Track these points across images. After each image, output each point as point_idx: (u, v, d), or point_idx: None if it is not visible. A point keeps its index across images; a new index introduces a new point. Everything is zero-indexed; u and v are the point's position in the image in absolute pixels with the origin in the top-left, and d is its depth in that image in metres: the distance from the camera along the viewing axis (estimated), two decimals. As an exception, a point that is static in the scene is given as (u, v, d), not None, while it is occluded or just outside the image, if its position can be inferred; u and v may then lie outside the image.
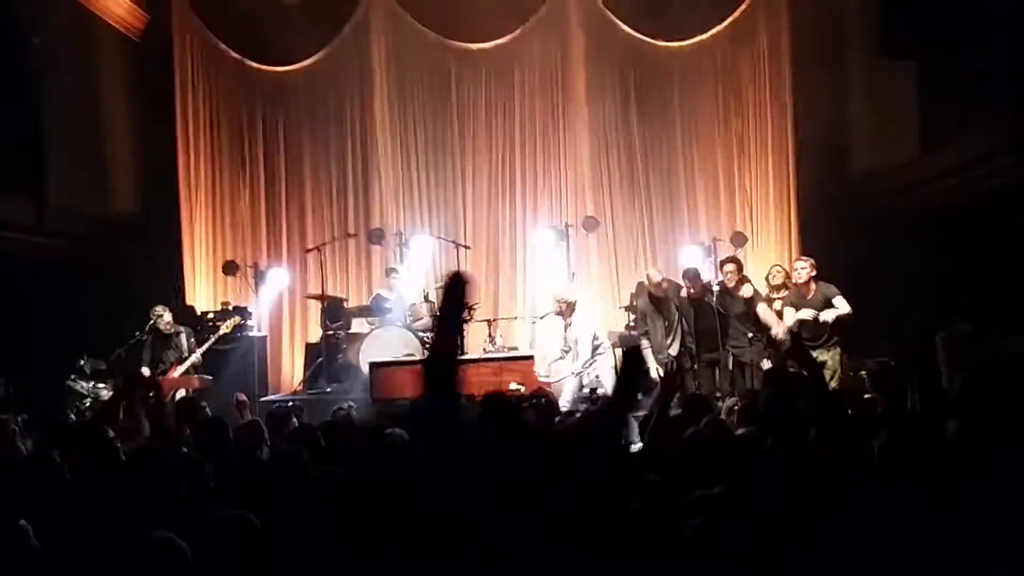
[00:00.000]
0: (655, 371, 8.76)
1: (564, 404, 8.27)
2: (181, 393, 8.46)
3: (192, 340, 9.37)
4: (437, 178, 11.97)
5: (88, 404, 8.97)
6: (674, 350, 9.25)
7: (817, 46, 11.15)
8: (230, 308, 10.54)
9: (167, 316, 9.23)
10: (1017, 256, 8.73)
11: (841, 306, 8.61)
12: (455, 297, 2.30)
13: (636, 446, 5.29)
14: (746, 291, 8.97)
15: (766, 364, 8.58)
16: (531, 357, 9.24)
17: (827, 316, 8.60)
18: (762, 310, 8.84)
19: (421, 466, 3.62)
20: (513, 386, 8.05)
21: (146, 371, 8.81)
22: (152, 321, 9.10)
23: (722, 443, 4.19)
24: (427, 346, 10.00)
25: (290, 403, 8.44)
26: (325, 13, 11.77)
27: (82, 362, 9.49)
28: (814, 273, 8.85)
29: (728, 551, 2.80)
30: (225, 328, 9.46)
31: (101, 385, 9.20)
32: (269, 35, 11.61)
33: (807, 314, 8.64)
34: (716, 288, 9.07)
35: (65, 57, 10.25)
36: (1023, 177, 8.79)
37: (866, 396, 8.64)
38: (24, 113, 9.76)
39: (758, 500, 3.51)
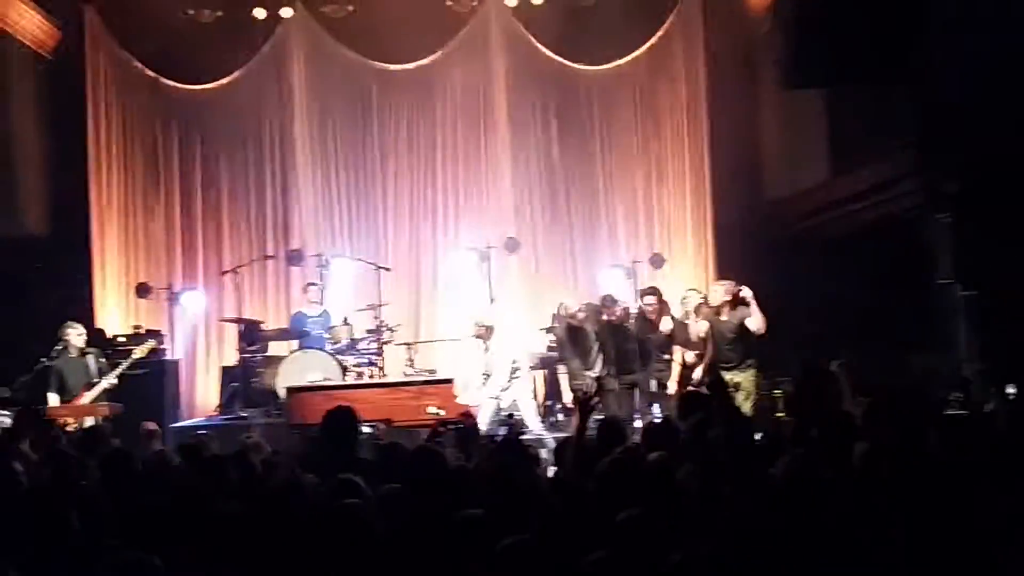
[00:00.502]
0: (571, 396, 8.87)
1: (482, 427, 8.26)
2: (90, 421, 8.20)
3: (102, 363, 9.05)
4: (358, 199, 11.91)
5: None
6: (594, 372, 9.34)
7: (731, 73, 11.44)
8: (142, 331, 10.27)
9: (76, 336, 8.84)
10: (920, 277, 9.03)
11: (752, 326, 8.71)
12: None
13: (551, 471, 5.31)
14: (665, 325, 9.10)
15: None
16: (451, 380, 9.20)
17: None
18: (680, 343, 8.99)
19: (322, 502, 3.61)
20: (432, 410, 7.99)
21: (54, 398, 8.50)
22: (62, 344, 8.75)
23: (634, 470, 4.21)
24: (346, 370, 9.92)
25: (202, 431, 8.25)
26: (243, 31, 11.66)
27: (-11, 388, 9.15)
28: (728, 298, 8.95)
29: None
30: (140, 352, 9.12)
31: (5, 413, 8.86)
32: (185, 53, 11.46)
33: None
34: (634, 313, 9.19)
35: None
36: (927, 201, 9.10)
37: (778, 415, 8.89)
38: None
39: (666, 528, 3.54)
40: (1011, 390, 6.25)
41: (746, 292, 8.45)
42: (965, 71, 8.46)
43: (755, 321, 8.43)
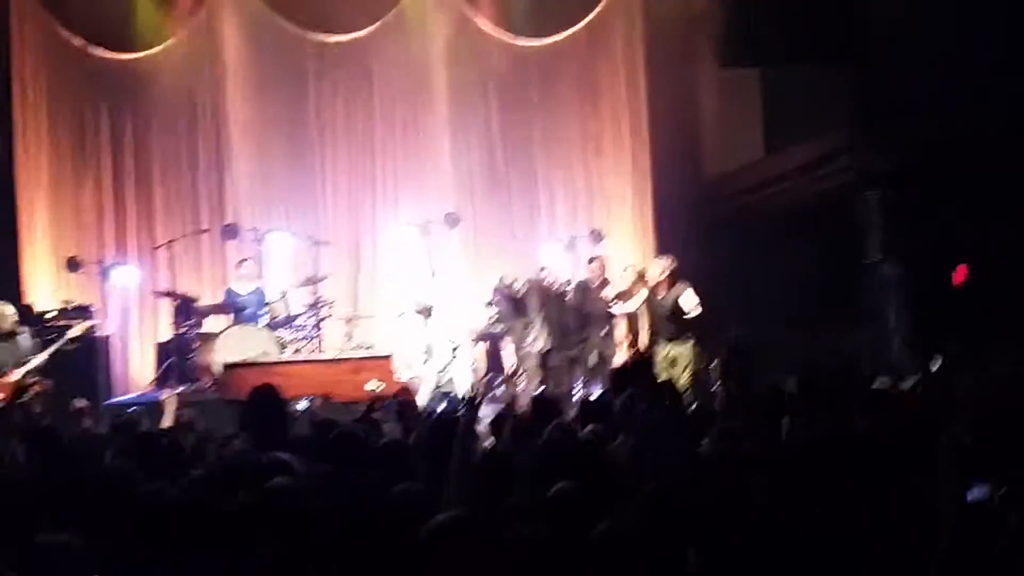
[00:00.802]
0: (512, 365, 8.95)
1: (421, 403, 8.28)
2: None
3: (35, 340, 8.82)
4: (294, 173, 11.74)
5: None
6: (537, 346, 9.43)
7: (670, 49, 11.50)
8: (70, 307, 10.03)
9: (11, 313, 8.61)
10: (851, 252, 9.22)
11: (685, 305, 8.77)
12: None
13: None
14: (608, 293, 9.19)
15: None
16: (389, 356, 9.18)
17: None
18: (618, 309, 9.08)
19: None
20: (370, 386, 7.96)
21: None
22: None
23: (567, 446, 4.26)
24: (284, 345, 9.84)
25: (131, 408, 8.11)
26: (175, -1, 11.39)
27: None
28: (668, 273, 9.01)
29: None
30: (77, 331, 8.89)
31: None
32: (116, 21, 11.15)
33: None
34: (572, 286, 9.27)
35: None
36: (858, 179, 9.26)
37: (712, 389, 9.03)
38: None
39: (596, 502, 3.58)
40: (935, 365, 6.41)
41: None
42: (901, 50, 8.62)
43: (688, 301, 8.50)
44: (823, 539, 3.22)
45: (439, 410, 7.15)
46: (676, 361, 8.91)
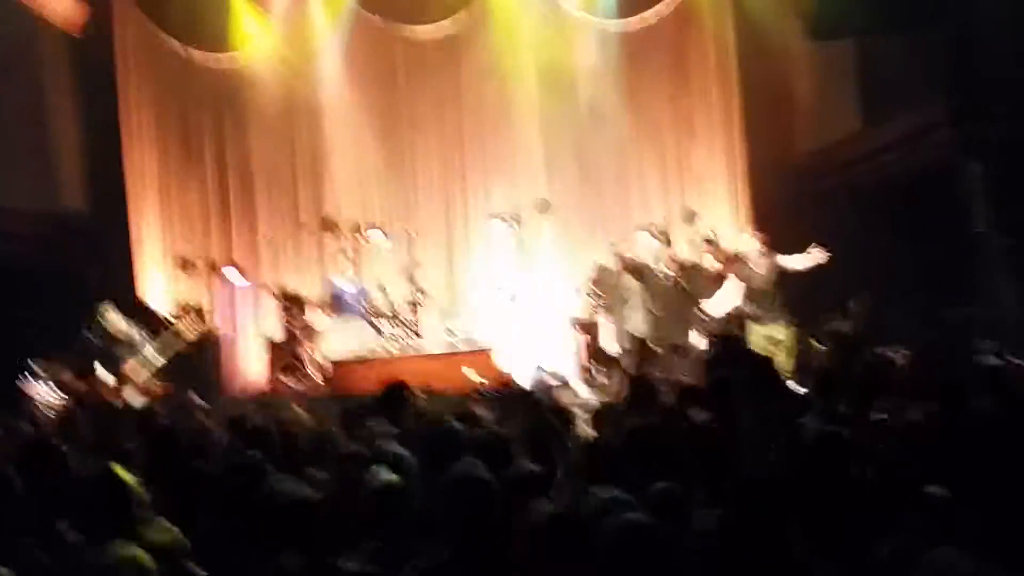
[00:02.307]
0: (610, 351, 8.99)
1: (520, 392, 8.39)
2: (134, 397, 8.38)
3: (149, 339, 9.21)
4: (389, 166, 11.94)
5: (40, 408, 8.84)
6: (636, 332, 9.40)
7: (760, 25, 11.27)
8: (184, 307, 10.43)
9: (114, 316, 9.02)
10: (954, 226, 8.95)
11: (793, 265, 8.74)
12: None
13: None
14: (707, 261, 9.15)
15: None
16: (488, 347, 9.29)
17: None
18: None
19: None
20: (469, 373, 8.09)
21: (102, 371, 8.70)
22: (101, 322, 8.94)
23: (667, 433, 4.28)
24: (384, 338, 10.06)
25: (247, 404, 8.42)
26: (269, 0, 11.69)
27: (36, 365, 9.34)
28: (763, 248, 8.97)
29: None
30: (189, 336, 9.25)
31: (54, 388, 9.08)
32: (213, 24, 11.51)
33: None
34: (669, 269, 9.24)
35: (6, 58, 10.07)
36: (961, 150, 8.98)
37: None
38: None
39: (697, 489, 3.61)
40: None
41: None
42: (1000, 14, 8.32)
43: (794, 261, 8.49)
44: (933, 521, 3.15)
45: (539, 399, 7.23)
46: (777, 342, 8.85)
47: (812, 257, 8.63)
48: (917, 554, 2.80)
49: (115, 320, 8.91)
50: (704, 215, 11.67)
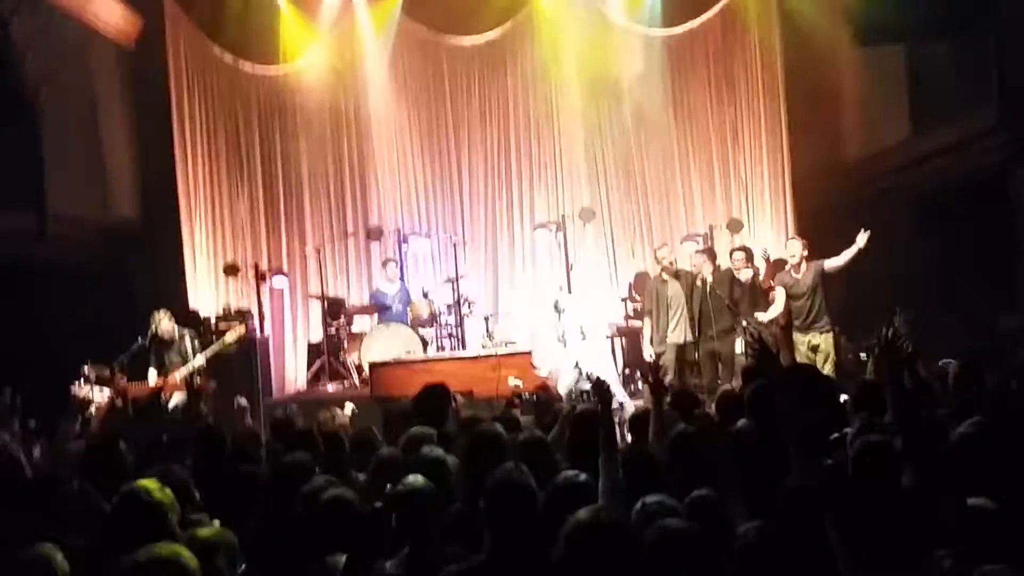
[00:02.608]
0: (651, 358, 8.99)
1: (563, 392, 8.44)
2: (179, 397, 8.53)
3: (195, 343, 9.40)
4: (434, 175, 12.06)
5: (93, 411, 9.03)
6: (676, 339, 9.36)
7: (806, 31, 11.17)
8: (230, 311, 10.61)
9: (166, 321, 9.22)
10: (1006, 232, 8.80)
11: (832, 264, 8.74)
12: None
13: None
14: (744, 275, 9.09)
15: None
16: (529, 352, 9.33)
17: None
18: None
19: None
20: (512, 381, 8.13)
21: (153, 375, 8.88)
22: (153, 326, 9.14)
23: (706, 443, 4.26)
24: (427, 343, 10.13)
25: (287, 406, 8.53)
26: (317, 12, 11.85)
27: (86, 368, 9.54)
28: (806, 253, 8.93)
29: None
30: (233, 335, 9.41)
31: (106, 391, 9.27)
32: (262, 35, 11.71)
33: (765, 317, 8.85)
34: (712, 277, 9.19)
35: (61, 70, 10.31)
36: (1011, 155, 8.84)
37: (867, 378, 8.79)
38: (22, 126, 9.83)
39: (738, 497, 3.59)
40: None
41: None
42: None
43: (834, 261, 8.48)
44: (979, 534, 3.10)
45: (578, 406, 7.23)
46: (818, 349, 8.78)
47: (856, 245, 8.59)
48: (967, 570, 2.77)
49: (167, 325, 9.09)
50: (750, 222, 11.64)
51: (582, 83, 11.77)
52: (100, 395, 9.14)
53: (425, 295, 10.57)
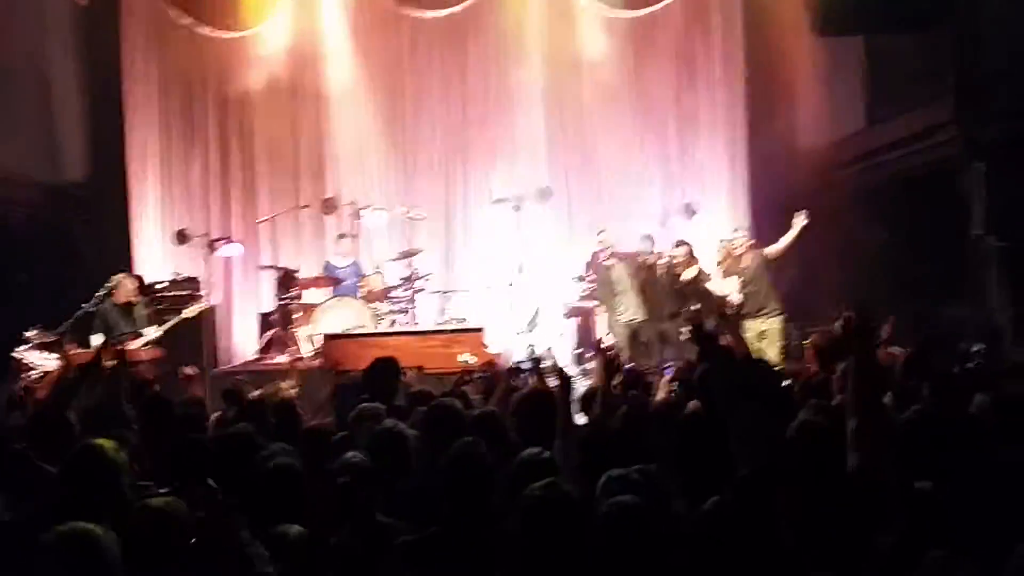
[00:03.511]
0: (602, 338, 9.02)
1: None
2: (130, 366, 8.37)
3: (148, 311, 9.23)
4: (391, 148, 11.93)
5: (36, 377, 8.84)
6: (628, 319, 9.47)
7: (766, 20, 11.26)
8: (179, 279, 10.46)
9: (130, 287, 9.03)
10: (956, 225, 8.96)
11: (771, 250, 8.95)
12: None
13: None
14: (687, 274, 9.24)
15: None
16: (481, 329, 9.32)
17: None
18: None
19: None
20: (463, 358, 8.11)
21: (98, 339, 8.69)
22: (109, 289, 8.92)
23: (654, 419, 4.30)
24: (380, 317, 10.08)
25: (237, 376, 8.44)
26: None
27: (30, 333, 9.34)
28: (751, 242, 9.16)
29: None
30: (190, 313, 9.27)
31: (50, 356, 9.07)
32: (221, 0, 11.47)
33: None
34: (664, 260, 9.31)
35: (11, 25, 10.03)
36: (964, 149, 8.97)
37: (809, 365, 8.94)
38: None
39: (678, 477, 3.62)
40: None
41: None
42: (1006, 15, 8.31)
43: (774, 247, 8.69)
44: (924, 518, 3.15)
45: (529, 380, 7.24)
46: (765, 335, 8.94)
47: (792, 230, 8.81)
48: (915, 552, 2.82)
49: (130, 290, 8.91)
50: (704, 208, 11.72)
51: (543, 61, 11.71)
52: (42, 360, 8.95)
53: (378, 269, 10.49)
